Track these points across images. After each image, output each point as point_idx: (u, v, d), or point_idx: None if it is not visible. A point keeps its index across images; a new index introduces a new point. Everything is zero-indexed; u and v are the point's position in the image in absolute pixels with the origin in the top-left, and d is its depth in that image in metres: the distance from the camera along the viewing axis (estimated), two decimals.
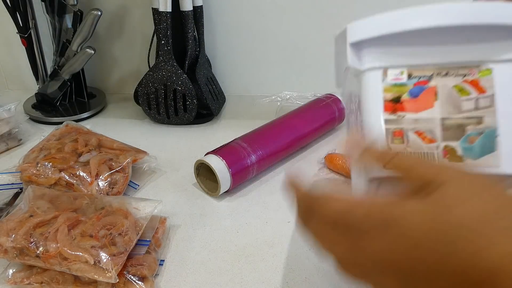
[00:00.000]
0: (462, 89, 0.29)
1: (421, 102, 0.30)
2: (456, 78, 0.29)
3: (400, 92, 0.30)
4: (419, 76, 0.29)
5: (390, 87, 0.30)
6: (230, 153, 0.55)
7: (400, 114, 0.30)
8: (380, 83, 0.30)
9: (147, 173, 0.61)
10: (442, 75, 0.29)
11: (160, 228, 0.48)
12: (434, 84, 0.29)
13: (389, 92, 0.30)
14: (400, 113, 0.30)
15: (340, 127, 0.74)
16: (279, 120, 0.64)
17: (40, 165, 0.54)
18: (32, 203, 0.47)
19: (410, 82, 0.30)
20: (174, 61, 0.71)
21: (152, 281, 0.43)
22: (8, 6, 0.72)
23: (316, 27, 0.79)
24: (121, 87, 0.89)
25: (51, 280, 0.41)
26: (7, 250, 0.42)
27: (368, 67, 0.30)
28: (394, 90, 0.30)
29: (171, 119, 0.75)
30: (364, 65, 0.30)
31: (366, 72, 0.30)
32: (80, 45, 0.74)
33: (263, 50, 0.82)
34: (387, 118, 0.31)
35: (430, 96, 0.30)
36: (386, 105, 0.30)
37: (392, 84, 0.30)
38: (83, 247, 0.41)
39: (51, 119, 0.77)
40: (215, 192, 0.56)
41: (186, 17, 0.70)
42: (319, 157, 0.64)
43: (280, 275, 0.45)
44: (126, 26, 0.82)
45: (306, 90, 0.83)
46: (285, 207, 0.55)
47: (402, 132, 0.31)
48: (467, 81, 0.29)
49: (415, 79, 0.30)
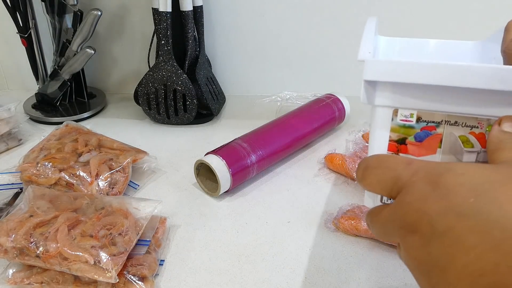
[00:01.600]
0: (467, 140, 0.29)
1: (424, 147, 0.30)
2: (463, 128, 0.29)
3: (406, 134, 0.30)
4: (428, 121, 0.29)
5: (398, 128, 0.30)
6: (230, 153, 0.55)
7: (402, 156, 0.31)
8: (388, 122, 0.30)
9: (147, 173, 0.61)
10: (450, 123, 0.29)
11: (160, 228, 0.48)
12: (440, 131, 0.29)
13: (396, 132, 0.30)
14: (403, 155, 0.31)
15: (340, 127, 0.74)
16: (279, 120, 0.64)
17: (40, 165, 0.54)
18: (32, 203, 0.47)
19: (417, 126, 0.30)
20: (174, 61, 0.71)
21: (152, 281, 0.43)
22: (8, 6, 0.72)
23: (316, 27, 0.79)
24: (121, 87, 0.89)
25: (51, 280, 0.41)
26: (7, 250, 0.42)
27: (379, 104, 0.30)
28: (401, 131, 0.30)
29: (171, 119, 0.75)
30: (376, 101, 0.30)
31: (377, 108, 0.30)
32: (80, 45, 0.74)
33: (263, 50, 0.82)
34: None
35: (434, 142, 0.30)
36: (390, 144, 0.31)
37: (400, 125, 0.30)
38: (83, 247, 0.41)
39: (51, 119, 0.77)
40: (215, 192, 0.56)
41: (186, 17, 0.70)
42: (319, 157, 0.64)
43: (280, 275, 0.45)
44: (126, 26, 0.82)
45: (306, 90, 0.84)
46: (285, 207, 0.55)
47: None
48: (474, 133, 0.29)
49: (423, 123, 0.30)
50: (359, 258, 0.47)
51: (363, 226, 0.48)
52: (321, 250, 0.48)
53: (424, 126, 0.30)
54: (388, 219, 0.24)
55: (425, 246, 0.21)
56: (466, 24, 0.75)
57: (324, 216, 0.53)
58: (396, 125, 0.30)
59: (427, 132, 0.30)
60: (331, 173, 0.62)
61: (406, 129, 0.30)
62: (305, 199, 0.56)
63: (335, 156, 0.61)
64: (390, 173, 0.25)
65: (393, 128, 0.30)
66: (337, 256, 0.47)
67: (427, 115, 0.29)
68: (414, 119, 0.30)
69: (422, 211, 0.22)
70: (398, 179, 0.24)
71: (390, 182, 0.24)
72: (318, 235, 0.50)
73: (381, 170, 0.25)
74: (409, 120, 0.30)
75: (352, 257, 0.47)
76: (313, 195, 0.57)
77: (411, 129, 0.30)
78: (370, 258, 0.47)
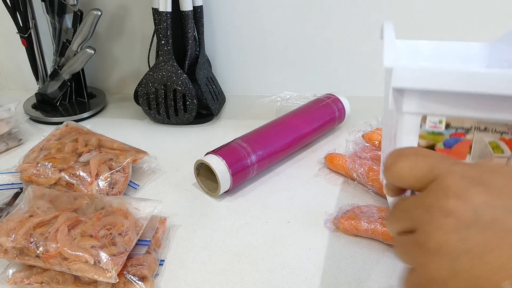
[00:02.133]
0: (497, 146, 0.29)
1: (454, 154, 0.30)
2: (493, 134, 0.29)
3: (435, 140, 0.30)
4: (457, 128, 0.29)
5: (427, 135, 0.30)
6: (230, 153, 0.55)
7: None
8: (417, 129, 0.30)
9: (147, 173, 0.61)
10: (480, 129, 0.29)
11: (160, 228, 0.48)
12: (470, 137, 0.29)
13: (425, 139, 0.30)
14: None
15: (340, 127, 0.74)
16: (279, 120, 0.64)
17: (40, 165, 0.54)
18: (32, 203, 0.47)
19: (447, 132, 0.30)
20: (174, 61, 0.71)
21: (152, 281, 0.43)
22: (8, 6, 0.72)
23: (316, 27, 0.79)
24: (121, 87, 0.89)
25: (51, 280, 0.41)
26: (7, 250, 0.42)
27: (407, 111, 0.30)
28: (430, 138, 0.30)
29: (171, 119, 0.75)
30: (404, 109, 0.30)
31: (405, 115, 0.30)
32: (80, 45, 0.74)
33: (263, 50, 0.82)
34: None
35: (464, 148, 0.29)
36: None
37: (429, 132, 0.30)
38: (83, 247, 0.41)
39: (51, 119, 0.77)
40: (215, 192, 0.56)
41: (186, 17, 0.70)
42: (319, 157, 0.64)
43: (280, 275, 0.45)
44: (126, 26, 0.82)
45: (306, 90, 0.84)
46: (285, 207, 0.55)
47: None
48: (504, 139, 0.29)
49: (452, 130, 0.29)
50: (359, 258, 0.47)
51: (363, 226, 0.48)
52: (321, 250, 0.48)
53: (453, 133, 0.29)
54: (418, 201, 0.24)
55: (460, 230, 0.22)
56: (471, 25, 0.75)
57: (324, 216, 0.52)
58: (424, 132, 0.30)
59: (457, 138, 0.30)
60: (331, 173, 0.62)
61: (435, 135, 0.30)
62: (305, 199, 0.56)
63: (335, 156, 0.61)
64: (427, 160, 0.24)
65: (421, 135, 0.30)
66: (337, 256, 0.47)
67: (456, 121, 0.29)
68: (443, 125, 0.29)
69: (464, 197, 0.22)
70: (435, 167, 0.24)
71: (425, 169, 0.24)
72: (318, 235, 0.50)
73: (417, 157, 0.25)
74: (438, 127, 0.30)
75: (352, 257, 0.47)
76: (313, 195, 0.57)
77: (440, 136, 0.30)
78: (370, 258, 0.47)
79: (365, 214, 0.49)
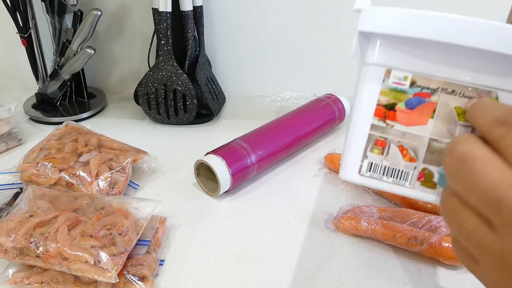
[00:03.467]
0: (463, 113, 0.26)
1: (415, 116, 0.27)
2: (460, 99, 0.26)
3: (397, 99, 0.27)
4: (422, 87, 0.27)
5: (388, 91, 0.27)
6: (230, 153, 0.55)
7: (389, 123, 0.28)
8: (379, 84, 0.27)
9: (147, 173, 0.61)
10: (447, 91, 0.26)
11: (160, 228, 0.48)
12: (435, 99, 0.27)
13: (386, 96, 0.28)
14: (390, 122, 0.28)
15: (340, 127, 0.74)
16: (279, 120, 0.64)
17: (40, 165, 0.54)
18: (32, 203, 0.47)
19: (411, 91, 0.27)
20: (174, 61, 0.71)
21: (152, 281, 0.43)
22: (8, 6, 0.72)
23: (316, 27, 0.79)
24: (121, 87, 0.89)
25: (51, 280, 0.41)
26: (7, 250, 0.42)
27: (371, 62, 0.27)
28: (391, 96, 0.27)
29: (171, 119, 0.75)
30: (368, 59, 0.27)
31: (368, 67, 0.27)
32: (80, 45, 0.74)
33: (263, 50, 0.82)
34: (374, 124, 0.28)
35: (427, 111, 0.27)
36: (378, 109, 0.28)
37: (391, 88, 0.27)
38: (83, 247, 0.41)
39: (51, 119, 0.77)
40: (215, 192, 0.56)
41: (186, 17, 0.70)
42: (319, 157, 0.64)
43: (280, 275, 0.45)
44: (126, 26, 0.82)
45: (306, 90, 0.84)
46: (285, 207, 0.55)
47: (385, 143, 0.29)
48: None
49: (417, 88, 0.27)
50: (359, 258, 0.47)
51: (363, 226, 0.48)
52: (321, 250, 0.48)
53: (417, 92, 0.27)
54: (482, 244, 0.21)
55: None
56: None
57: (324, 216, 0.53)
58: (387, 88, 0.27)
59: (420, 99, 0.27)
60: (331, 173, 0.62)
61: (398, 93, 0.27)
62: (305, 199, 0.56)
63: (335, 156, 0.61)
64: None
65: (383, 91, 0.27)
66: (337, 256, 0.47)
67: (423, 80, 0.27)
68: (408, 83, 0.27)
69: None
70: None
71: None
72: (318, 235, 0.50)
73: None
74: (402, 84, 0.27)
75: (352, 257, 0.47)
76: (313, 195, 0.57)
77: (403, 94, 0.27)
78: (370, 258, 0.47)
79: (365, 214, 0.49)
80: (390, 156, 0.29)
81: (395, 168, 0.29)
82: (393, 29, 0.25)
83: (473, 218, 0.22)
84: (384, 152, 0.29)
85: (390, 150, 0.29)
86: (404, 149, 0.28)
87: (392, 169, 0.29)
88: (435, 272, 0.45)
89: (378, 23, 0.25)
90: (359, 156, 0.29)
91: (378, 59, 0.27)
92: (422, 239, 0.45)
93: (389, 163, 0.29)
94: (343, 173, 0.30)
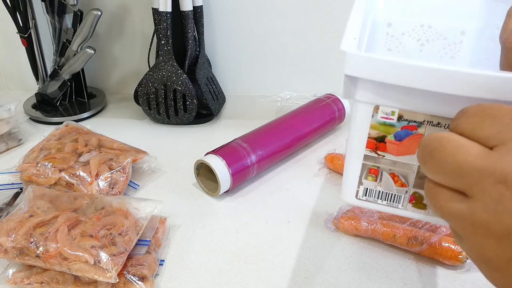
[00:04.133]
0: None
1: (404, 147, 0.29)
2: (445, 130, 0.28)
3: (386, 132, 0.29)
4: (409, 120, 0.29)
5: (378, 125, 0.29)
6: (230, 153, 0.55)
7: (380, 154, 0.30)
8: (369, 119, 0.29)
9: (147, 173, 0.61)
10: (432, 124, 0.28)
11: (160, 228, 0.48)
12: (422, 131, 0.28)
13: (376, 129, 0.30)
14: (381, 153, 0.30)
15: (340, 127, 0.74)
16: (279, 120, 0.64)
17: (40, 165, 0.54)
18: (32, 203, 0.47)
19: (398, 125, 0.29)
20: (174, 61, 0.71)
21: (152, 281, 0.43)
22: (8, 6, 0.72)
23: (316, 27, 0.79)
24: (121, 87, 0.89)
25: (51, 280, 0.41)
26: (7, 250, 0.42)
27: (360, 99, 0.29)
28: (381, 129, 0.29)
29: (171, 119, 0.75)
30: (356, 97, 0.29)
31: (358, 104, 0.30)
32: (80, 45, 0.74)
33: (263, 50, 0.82)
34: (367, 154, 0.31)
35: (414, 142, 0.29)
36: (369, 141, 0.30)
37: (380, 122, 0.29)
38: (83, 247, 0.41)
39: (51, 119, 0.77)
40: (215, 192, 0.56)
41: (186, 17, 0.70)
42: (319, 157, 0.64)
43: (280, 275, 0.45)
44: (126, 26, 0.82)
45: (306, 90, 0.84)
46: (285, 207, 0.55)
47: (378, 171, 0.31)
48: None
49: (404, 122, 0.29)
50: (359, 258, 0.47)
51: (363, 226, 0.48)
52: (321, 250, 0.48)
53: (405, 125, 0.29)
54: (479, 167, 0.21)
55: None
56: None
57: (324, 216, 0.53)
58: (376, 122, 0.29)
59: (408, 131, 0.29)
60: (331, 173, 0.62)
61: (387, 127, 0.29)
62: (305, 199, 0.56)
63: (335, 156, 0.61)
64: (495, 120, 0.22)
65: (373, 125, 0.29)
66: (337, 256, 0.47)
67: (409, 114, 0.28)
68: (395, 117, 0.29)
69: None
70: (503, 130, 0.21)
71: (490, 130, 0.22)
72: (318, 235, 0.50)
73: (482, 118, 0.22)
74: (390, 118, 0.29)
75: (352, 257, 0.47)
76: (313, 195, 0.57)
77: (392, 128, 0.29)
78: (370, 258, 0.47)
79: (365, 214, 0.49)
80: (383, 183, 0.31)
81: (388, 192, 0.31)
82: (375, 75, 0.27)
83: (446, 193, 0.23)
84: (378, 179, 0.31)
85: (383, 177, 0.31)
86: (395, 176, 0.31)
87: (385, 193, 0.31)
88: (435, 272, 0.45)
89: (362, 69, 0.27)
90: (355, 183, 0.32)
91: (365, 98, 0.29)
92: (422, 239, 0.45)
93: (383, 188, 0.31)
94: (343, 195, 0.33)
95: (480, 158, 0.21)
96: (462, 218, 0.22)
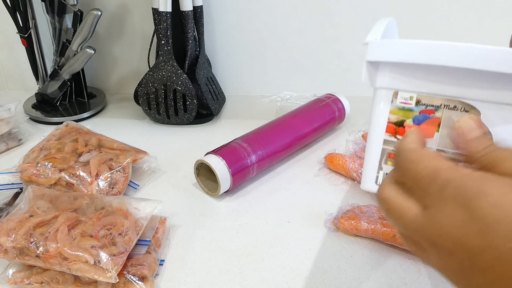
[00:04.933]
0: None
1: (422, 130, 0.30)
2: (462, 113, 0.29)
3: (405, 116, 0.31)
4: (427, 105, 0.30)
5: (397, 110, 0.31)
6: (230, 153, 0.55)
7: (399, 138, 0.31)
8: (388, 104, 0.31)
9: (147, 173, 0.61)
10: (449, 107, 0.30)
11: (160, 228, 0.48)
12: (439, 115, 0.30)
13: (395, 114, 0.31)
14: (400, 137, 0.31)
15: (340, 127, 0.74)
16: (279, 120, 0.64)
17: (40, 165, 0.54)
18: (32, 203, 0.47)
19: (417, 109, 0.31)
20: (174, 61, 0.71)
21: (152, 281, 0.43)
22: (8, 6, 0.72)
23: (316, 27, 0.79)
24: (121, 87, 0.89)
25: (51, 280, 0.41)
26: (7, 250, 0.42)
27: (380, 86, 0.31)
28: (400, 114, 0.31)
29: (171, 119, 0.75)
30: (377, 83, 0.31)
31: (378, 90, 0.31)
32: (80, 45, 0.74)
33: (263, 50, 0.82)
34: (386, 139, 0.32)
35: (432, 126, 0.30)
36: (389, 126, 0.32)
37: (399, 107, 0.31)
38: (83, 247, 0.41)
39: (51, 119, 0.77)
40: (215, 192, 0.56)
41: (186, 17, 0.70)
42: (319, 157, 0.64)
43: (280, 275, 0.45)
44: (126, 26, 0.82)
45: (306, 90, 0.84)
46: (285, 207, 0.55)
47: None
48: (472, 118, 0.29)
49: (422, 106, 0.30)
50: (359, 258, 0.47)
51: (363, 226, 0.48)
52: (321, 250, 0.48)
53: (423, 110, 0.30)
54: (415, 229, 0.24)
55: (464, 272, 0.22)
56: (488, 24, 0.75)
57: (324, 216, 0.52)
58: (395, 108, 0.31)
59: (426, 115, 0.30)
60: (331, 173, 0.62)
61: (405, 111, 0.31)
62: (305, 199, 0.56)
63: (335, 156, 0.61)
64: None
65: (392, 110, 0.31)
66: (337, 256, 0.47)
67: (427, 98, 0.30)
68: (414, 102, 0.30)
69: (460, 242, 0.21)
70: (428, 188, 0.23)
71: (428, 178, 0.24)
72: (318, 235, 0.50)
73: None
74: (409, 103, 0.31)
75: (352, 257, 0.47)
76: (313, 195, 0.57)
77: (410, 112, 0.31)
78: (370, 258, 0.47)
79: (365, 214, 0.49)
80: None
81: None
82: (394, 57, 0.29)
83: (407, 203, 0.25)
84: None
85: None
86: None
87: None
88: (435, 272, 0.45)
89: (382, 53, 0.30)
90: (375, 168, 0.33)
91: (386, 83, 0.31)
92: None
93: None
94: (363, 184, 0.34)
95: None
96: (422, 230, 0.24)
